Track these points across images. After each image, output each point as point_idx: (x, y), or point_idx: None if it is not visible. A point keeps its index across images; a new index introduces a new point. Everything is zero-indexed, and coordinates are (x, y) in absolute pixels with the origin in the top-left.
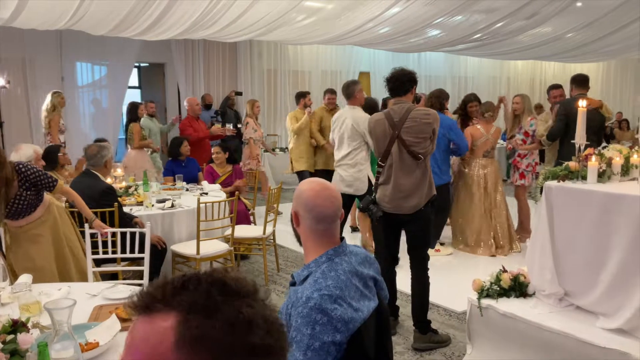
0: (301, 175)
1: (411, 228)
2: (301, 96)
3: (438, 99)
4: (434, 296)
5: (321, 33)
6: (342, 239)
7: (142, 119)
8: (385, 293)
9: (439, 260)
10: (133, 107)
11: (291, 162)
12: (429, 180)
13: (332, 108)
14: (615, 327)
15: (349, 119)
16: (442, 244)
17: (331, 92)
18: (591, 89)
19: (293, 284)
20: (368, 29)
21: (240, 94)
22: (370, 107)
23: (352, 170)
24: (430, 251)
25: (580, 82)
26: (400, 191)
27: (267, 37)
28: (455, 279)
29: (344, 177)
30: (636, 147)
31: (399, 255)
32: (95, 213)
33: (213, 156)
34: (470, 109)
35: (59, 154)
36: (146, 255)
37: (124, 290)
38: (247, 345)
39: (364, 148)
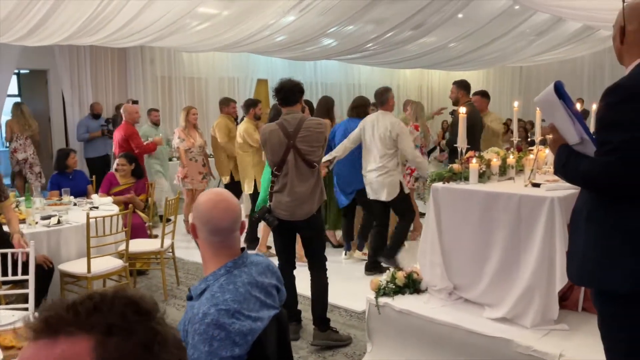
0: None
1: (306, 233)
2: (251, 105)
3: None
4: (335, 298)
5: (216, 40)
6: (242, 249)
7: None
8: (283, 298)
9: (345, 263)
10: None
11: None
12: (320, 186)
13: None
14: (499, 316)
15: (382, 125)
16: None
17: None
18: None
19: (190, 298)
20: (264, 37)
21: (136, 102)
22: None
23: (384, 176)
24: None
25: (469, 87)
26: (295, 199)
27: (160, 44)
28: (354, 280)
29: (372, 183)
30: (512, 149)
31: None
32: None
33: (117, 167)
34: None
35: None
36: (31, 277)
37: (6, 316)
38: None
39: (397, 154)
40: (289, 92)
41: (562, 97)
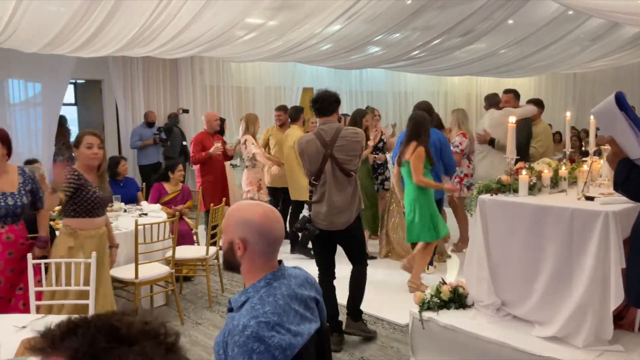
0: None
1: (346, 242)
2: (301, 111)
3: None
4: (379, 310)
5: (263, 50)
6: (280, 262)
7: None
8: (324, 314)
9: (388, 274)
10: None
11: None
12: (358, 195)
13: (282, 124)
14: (549, 335)
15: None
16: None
17: (279, 109)
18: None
19: (230, 309)
20: (310, 46)
21: (187, 111)
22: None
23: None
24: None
25: (519, 96)
26: (334, 207)
27: (209, 54)
28: (398, 292)
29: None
30: (564, 160)
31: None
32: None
33: (177, 173)
34: (366, 122)
35: None
36: (92, 288)
37: (55, 322)
38: None
39: None
40: (325, 102)
41: (624, 109)
